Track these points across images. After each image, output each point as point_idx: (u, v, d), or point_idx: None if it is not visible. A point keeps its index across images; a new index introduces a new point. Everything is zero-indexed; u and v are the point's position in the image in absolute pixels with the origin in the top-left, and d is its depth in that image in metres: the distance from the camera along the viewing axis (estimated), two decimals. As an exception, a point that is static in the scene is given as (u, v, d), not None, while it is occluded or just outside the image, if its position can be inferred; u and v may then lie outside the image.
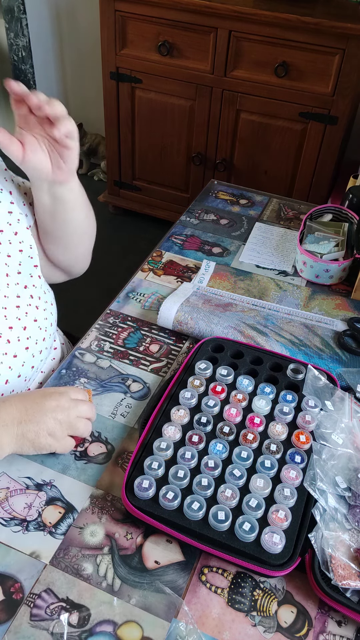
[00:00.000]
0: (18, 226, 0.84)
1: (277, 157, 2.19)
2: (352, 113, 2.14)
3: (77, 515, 0.70)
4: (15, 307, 0.82)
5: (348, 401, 0.80)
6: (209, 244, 1.20)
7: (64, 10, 2.71)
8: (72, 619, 0.61)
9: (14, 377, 0.81)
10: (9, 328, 0.80)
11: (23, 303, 0.83)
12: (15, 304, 0.82)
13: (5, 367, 0.80)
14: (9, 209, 0.83)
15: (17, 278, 0.83)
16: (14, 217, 0.84)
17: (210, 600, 0.63)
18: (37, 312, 0.86)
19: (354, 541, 0.65)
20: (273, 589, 0.65)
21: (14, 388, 0.82)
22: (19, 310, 0.83)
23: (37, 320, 0.85)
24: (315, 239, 1.13)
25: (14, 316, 0.81)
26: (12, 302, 0.82)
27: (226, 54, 2.03)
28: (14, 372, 0.81)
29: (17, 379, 0.82)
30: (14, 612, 0.61)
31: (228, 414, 0.78)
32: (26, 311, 0.84)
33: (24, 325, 0.83)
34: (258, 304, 1.04)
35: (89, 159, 3.06)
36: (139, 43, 2.16)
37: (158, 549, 0.67)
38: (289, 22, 1.84)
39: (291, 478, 0.70)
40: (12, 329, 0.81)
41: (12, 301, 0.82)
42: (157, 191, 2.54)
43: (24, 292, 0.84)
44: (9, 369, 0.80)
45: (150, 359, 0.92)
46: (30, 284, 0.85)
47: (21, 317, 0.83)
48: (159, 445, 0.73)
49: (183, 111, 2.24)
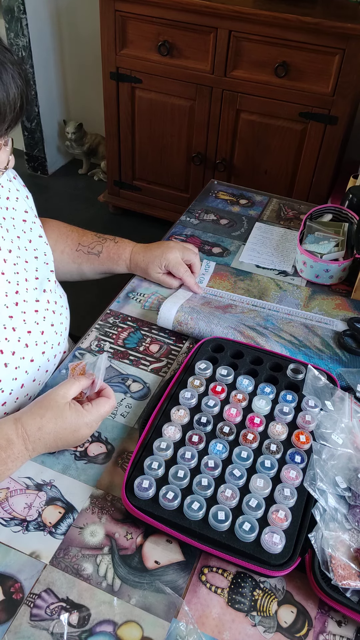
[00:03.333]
0: (31, 234, 0.89)
1: (277, 157, 2.19)
2: (352, 113, 2.14)
3: (77, 515, 0.70)
4: (34, 311, 0.83)
5: (348, 401, 0.80)
6: (209, 244, 1.20)
7: (64, 10, 2.71)
8: (72, 619, 0.61)
9: (29, 380, 0.82)
10: (28, 332, 0.81)
11: (41, 307, 0.85)
12: (34, 308, 0.84)
13: (22, 372, 0.80)
14: (23, 217, 0.88)
15: (35, 283, 0.85)
16: (28, 225, 0.89)
17: (210, 600, 0.63)
18: (54, 316, 0.87)
19: (354, 541, 0.65)
20: (273, 589, 0.65)
21: (28, 392, 0.82)
22: (37, 315, 0.84)
23: (53, 324, 0.86)
24: (315, 239, 1.13)
25: (32, 320, 0.82)
26: (31, 306, 0.83)
27: (226, 54, 2.02)
28: (30, 376, 0.82)
29: (32, 383, 0.82)
30: (14, 612, 0.61)
31: (228, 414, 0.78)
32: (44, 316, 0.85)
33: (42, 330, 0.84)
34: (258, 304, 1.04)
35: (89, 159, 3.05)
36: (139, 43, 2.16)
37: (158, 549, 0.67)
38: (289, 22, 1.84)
39: (291, 478, 0.70)
40: (31, 333, 0.82)
41: (31, 306, 0.83)
42: (157, 191, 2.54)
43: (42, 297, 0.86)
44: (25, 373, 0.80)
45: (150, 359, 0.92)
46: (48, 288, 0.87)
47: (39, 321, 0.84)
48: (159, 445, 0.73)
49: (183, 111, 2.24)
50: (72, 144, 2.93)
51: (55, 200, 2.87)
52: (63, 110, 3.05)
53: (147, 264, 1.03)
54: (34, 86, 2.77)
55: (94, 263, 1.05)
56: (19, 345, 0.79)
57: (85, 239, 1.06)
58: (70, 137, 2.88)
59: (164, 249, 1.03)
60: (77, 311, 0.86)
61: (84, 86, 2.93)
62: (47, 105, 2.91)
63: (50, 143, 3.03)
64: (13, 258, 0.83)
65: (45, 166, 3.06)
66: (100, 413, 0.73)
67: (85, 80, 2.90)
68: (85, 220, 2.69)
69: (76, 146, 2.94)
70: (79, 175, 3.10)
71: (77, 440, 0.73)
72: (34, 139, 2.97)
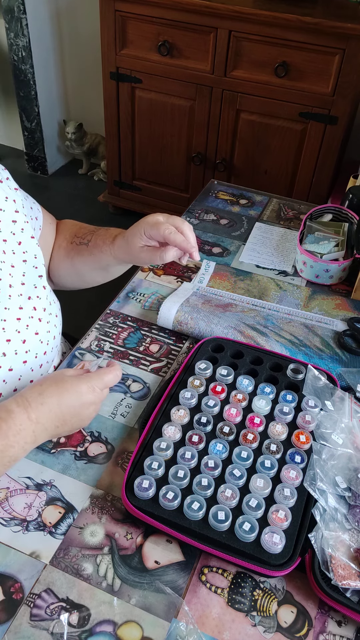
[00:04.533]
0: (22, 235, 0.84)
1: (277, 157, 2.19)
2: (352, 113, 2.14)
3: (77, 515, 0.70)
4: (15, 319, 0.79)
5: (348, 401, 0.80)
6: (209, 244, 1.20)
7: (64, 10, 2.71)
8: (72, 619, 0.61)
9: (9, 390, 0.78)
10: (7, 341, 0.77)
11: (25, 315, 0.81)
12: (16, 316, 0.79)
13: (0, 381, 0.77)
14: (13, 218, 0.83)
15: (20, 289, 0.81)
16: (18, 226, 0.83)
17: (210, 600, 0.63)
18: (40, 324, 0.83)
19: (354, 541, 0.65)
20: (273, 589, 0.65)
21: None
22: (19, 323, 0.80)
23: (38, 333, 0.82)
24: (315, 239, 1.13)
25: (13, 329, 0.78)
26: (13, 314, 0.79)
27: (226, 54, 2.02)
28: (9, 386, 0.78)
29: (12, 392, 0.79)
30: (14, 612, 0.61)
31: (228, 414, 0.78)
32: (27, 324, 0.81)
33: (24, 339, 0.80)
34: (258, 304, 1.04)
35: (89, 159, 3.05)
36: (139, 43, 2.16)
37: (158, 549, 0.67)
38: (289, 22, 1.84)
39: (291, 478, 0.70)
40: (10, 341, 0.78)
41: (13, 313, 0.79)
42: (157, 191, 2.54)
43: (27, 304, 0.81)
44: (3, 383, 0.77)
45: (150, 359, 0.92)
46: (35, 295, 0.83)
47: (21, 329, 0.80)
48: (159, 445, 0.73)
49: (183, 111, 2.24)
50: (72, 144, 2.93)
51: (55, 200, 2.87)
52: (63, 110, 3.05)
53: (127, 239, 0.87)
54: (34, 86, 2.77)
55: (83, 254, 0.96)
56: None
57: (81, 231, 0.99)
58: (70, 137, 2.88)
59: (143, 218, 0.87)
60: (77, 311, 0.85)
61: (84, 86, 2.93)
62: (47, 105, 2.91)
63: (50, 143, 3.03)
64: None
65: (45, 166, 3.06)
66: (104, 381, 0.71)
67: (85, 80, 2.90)
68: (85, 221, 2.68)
69: (76, 146, 2.94)
70: (79, 175, 3.10)
71: (82, 406, 0.69)
72: (34, 139, 2.97)
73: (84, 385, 0.70)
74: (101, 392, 0.72)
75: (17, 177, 0.91)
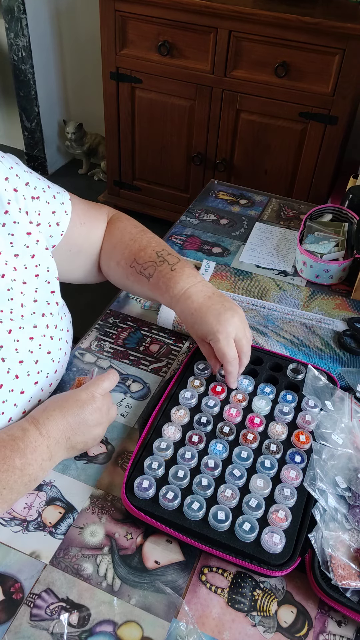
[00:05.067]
0: (36, 248, 0.77)
1: (277, 157, 2.19)
2: (352, 113, 2.14)
3: (77, 515, 0.70)
4: (28, 339, 0.75)
5: (348, 401, 0.80)
6: (209, 244, 1.20)
7: (64, 10, 2.71)
8: (72, 619, 0.61)
9: (17, 413, 0.74)
10: (20, 362, 0.73)
11: (37, 334, 0.76)
12: (30, 335, 0.75)
13: (11, 405, 0.72)
14: (27, 230, 0.76)
15: (33, 307, 0.76)
16: (33, 238, 0.77)
17: (210, 600, 0.63)
18: (51, 342, 0.79)
19: (354, 541, 0.65)
20: (273, 589, 0.65)
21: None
22: (32, 343, 0.75)
23: (50, 352, 0.79)
24: (315, 239, 1.13)
25: (26, 349, 0.74)
26: (26, 333, 0.75)
27: (226, 54, 2.02)
28: (19, 409, 0.74)
29: (21, 415, 0.75)
30: (14, 612, 0.61)
31: (228, 414, 0.78)
32: (40, 343, 0.77)
33: (36, 359, 0.76)
34: (258, 304, 1.04)
35: (89, 159, 3.05)
36: (139, 43, 2.16)
37: (158, 549, 0.67)
38: (289, 22, 1.84)
39: (291, 478, 0.70)
40: (23, 363, 0.74)
41: (26, 333, 0.75)
42: (157, 191, 2.54)
43: (40, 322, 0.77)
44: (14, 407, 0.73)
45: (150, 359, 0.92)
46: (48, 312, 0.79)
47: (34, 349, 0.76)
48: (159, 445, 0.73)
49: (183, 111, 2.24)
50: (72, 144, 2.93)
51: (55, 200, 2.87)
52: (63, 110, 3.05)
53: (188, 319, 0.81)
54: (34, 86, 2.77)
55: (143, 286, 0.88)
56: (8, 377, 0.72)
57: (143, 256, 0.87)
58: (70, 137, 2.88)
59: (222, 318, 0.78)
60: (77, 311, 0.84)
61: (84, 86, 2.93)
62: (47, 105, 2.91)
63: (50, 143, 3.03)
64: (7, 282, 0.73)
65: (45, 166, 3.06)
66: (101, 387, 0.73)
67: (85, 80, 2.90)
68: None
69: (76, 146, 2.94)
70: (79, 175, 3.10)
71: (85, 412, 0.71)
72: (34, 139, 2.97)
73: (83, 393, 0.72)
74: (102, 398, 0.73)
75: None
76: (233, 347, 0.78)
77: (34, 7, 2.59)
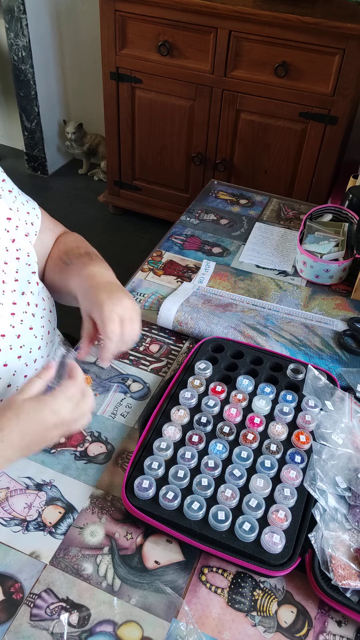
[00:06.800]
0: (16, 233, 0.84)
1: (277, 157, 2.19)
2: (352, 113, 2.14)
3: (77, 515, 0.70)
4: (9, 314, 0.80)
5: (348, 401, 0.80)
6: (209, 244, 1.20)
7: (64, 10, 2.71)
8: (72, 619, 0.61)
9: (2, 386, 0.78)
10: (1, 336, 0.77)
11: (18, 310, 0.81)
12: (10, 311, 0.80)
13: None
14: (7, 215, 0.83)
15: (14, 285, 0.82)
16: (13, 223, 0.83)
17: (210, 600, 0.63)
18: (34, 319, 0.83)
19: (354, 541, 0.65)
20: (273, 589, 0.65)
21: (2, 397, 0.78)
22: (13, 318, 0.80)
23: (32, 328, 0.82)
24: (315, 239, 1.13)
25: (7, 324, 0.79)
26: (6, 309, 0.79)
27: (226, 54, 2.02)
28: (3, 381, 0.78)
29: (6, 388, 0.78)
30: (14, 612, 0.61)
31: (228, 414, 0.78)
32: (21, 319, 0.81)
33: (18, 334, 0.80)
34: (258, 304, 1.04)
35: (89, 159, 3.05)
36: (139, 43, 2.16)
37: (158, 549, 0.67)
38: (289, 22, 1.84)
39: (291, 478, 0.70)
40: (4, 336, 0.78)
41: (6, 308, 0.79)
42: (157, 191, 2.54)
43: (21, 299, 0.82)
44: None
45: (150, 359, 0.92)
46: (28, 290, 0.83)
47: (15, 324, 0.80)
48: (159, 445, 0.73)
49: (183, 111, 2.24)
50: (72, 144, 2.93)
51: (55, 201, 2.87)
52: (63, 110, 3.05)
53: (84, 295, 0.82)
54: (34, 86, 2.77)
55: (62, 274, 0.90)
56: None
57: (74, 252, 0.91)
58: (70, 137, 2.88)
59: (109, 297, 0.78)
60: (77, 311, 0.84)
61: (84, 86, 2.93)
62: (47, 105, 2.91)
63: (50, 143, 3.03)
64: None
65: (45, 166, 3.06)
66: (66, 396, 0.65)
67: (85, 80, 2.90)
68: (85, 221, 2.69)
69: (76, 146, 2.94)
70: (79, 175, 3.10)
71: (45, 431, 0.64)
72: (34, 139, 2.97)
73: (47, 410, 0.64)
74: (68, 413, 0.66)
75: (17, 177, 0.90)
76: (117, 323, 0.76)
77: (34, 7, 2.59)
